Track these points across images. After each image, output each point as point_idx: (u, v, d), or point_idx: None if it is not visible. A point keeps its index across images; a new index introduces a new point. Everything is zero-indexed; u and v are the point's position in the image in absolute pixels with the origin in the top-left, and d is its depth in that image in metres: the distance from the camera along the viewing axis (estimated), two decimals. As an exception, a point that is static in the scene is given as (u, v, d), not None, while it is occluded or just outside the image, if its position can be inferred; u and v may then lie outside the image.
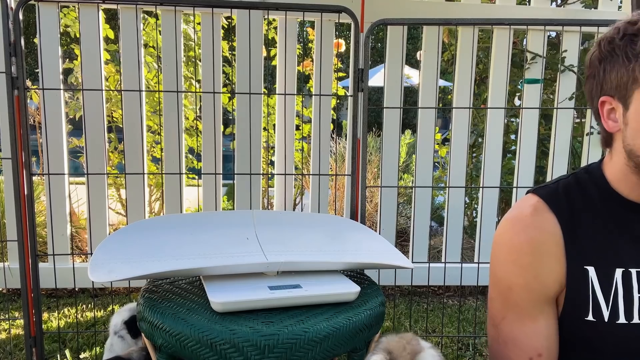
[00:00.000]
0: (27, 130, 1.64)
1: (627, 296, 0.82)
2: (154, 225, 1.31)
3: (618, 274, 0.83)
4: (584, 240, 0.85)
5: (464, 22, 1.95)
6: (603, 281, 0.83)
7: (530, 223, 0.86)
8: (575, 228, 0.85)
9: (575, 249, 0.84)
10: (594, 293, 0.83)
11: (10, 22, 1.58)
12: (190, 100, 3.10)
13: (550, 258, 0.85)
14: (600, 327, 0.82)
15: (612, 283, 0.83)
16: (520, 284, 0.86)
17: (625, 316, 0.81)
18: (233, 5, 1.87)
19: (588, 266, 0.84)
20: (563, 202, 0.87)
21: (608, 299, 0.83)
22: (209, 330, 0.92)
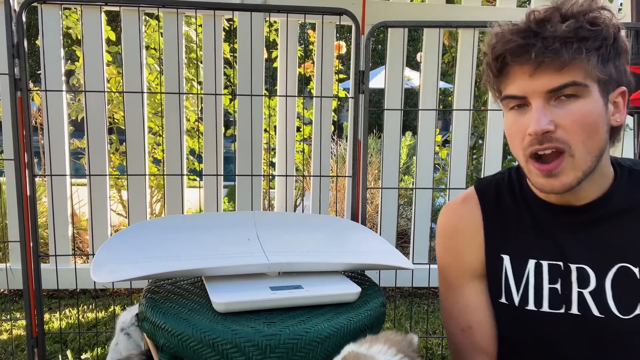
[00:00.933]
0: (29, 131, 1.64)
1: (538, 286, 0.89)
2: (156, 226, 1.31)
3: (530, 265, 0.90)
4: (503, 231, 0.93)
5: (465, 25, 1.96)
6: (516, 269, 0.91)
7: (457, 210, 0.98)
8: (496, 219, 0.94)
9: (493, 237, 0.93)
10: (507, 279, 0.92)
11: (14, 24, 1.59)
12: (192, 101, 3.10)
13: (471, 242, 0.95)
14: (512, 311, 0.91)
15: (523, 272, 0.90)
16: (448, 263, 0.99)
17: (535, 304, 0.89)
18: (234, 8, 1.87)
19: (503, 254, 0.92)
20: (491, 195, 0.96)
21: (519, 286, 0.91)
22: (211, 331, 0.93)
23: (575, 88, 0.77)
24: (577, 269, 0.87)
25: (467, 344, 0.96)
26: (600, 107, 0.79)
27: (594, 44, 0.77)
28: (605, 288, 0.85)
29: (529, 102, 0.81)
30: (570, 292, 0.87)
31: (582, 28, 0.76)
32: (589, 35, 0.77)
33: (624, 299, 0.84)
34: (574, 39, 0.76)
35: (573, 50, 0.76)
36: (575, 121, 0.78)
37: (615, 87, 0.82)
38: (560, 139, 0.79)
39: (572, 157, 0.80)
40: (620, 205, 0.86)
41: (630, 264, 0.84)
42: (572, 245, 0.88)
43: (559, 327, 0.88)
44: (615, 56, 0.80)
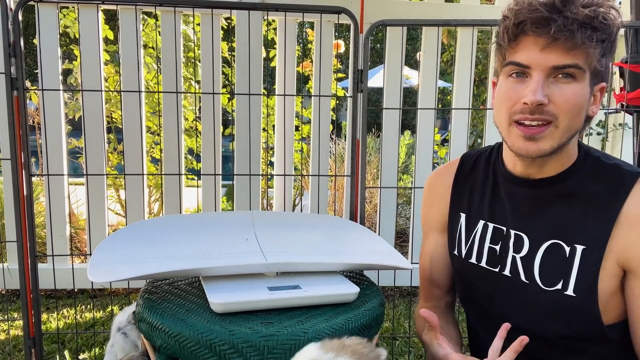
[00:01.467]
0: (26, 131, 1.64)
1: (481, 244, 1.02)
2: (153, 226, 1.31)
3: (480, 225, 1.03)
4: (467, 193, 1.07)
5: (463, 23, 1.96)
6: (468, 227, 1.05)
7: (438, 172, 1.14)
8: (465, 183, 1.07)
9: (457, 198, 1.08)
10: (460, 234, 1.07)
11: (10, 23, 1.58)
12: (190, 101, 3.10)
13: (439, 200, 1.11)
14: (459, 262, 1.06)
15: (473, 230, 1.04)
16: (423, 214, 1.17)
17: (476, 258, 1.03)
18: (232, 6, 1.87)
19: (462, 213, 1.07)
20: (469, 163, 1.09)
21: (467, 241, 1.05)
22: (208, 331, 0.92)
23: (576, 70, 0.83)
24: (514, 235, 0.97)
25: (426, 278, 1.15)
26: (587, 93, 0.86)
27: (602, 36, 0.82)
28: (536, 258, 0.94)
29: (529, 73, 0.86)
30: (506, 254, 0.98)
31: (597, 18, 0.81)
32: (600, 27, 0.82)
33: (549, 271, 0.92)
34: (589, 26, 0.81)
35: (586, 36, 0.81)
36: (567, 99, 0.84)
37: (600, 81, 0.88)
38: (550, 112, 0.85)
39: (556, 128, 0.86)
40: (572, 188, 0.92)
41: (563, 242, 0.91)
42: (517, 214, 0.97)
43: (493, 283, 1.00)
44: (610, 53, 0.86)
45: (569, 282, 0.89)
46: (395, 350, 2.20)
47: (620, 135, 2.61)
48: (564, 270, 0.90)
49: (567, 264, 0.90)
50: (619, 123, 2.75)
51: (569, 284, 0.89)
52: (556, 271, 0.91)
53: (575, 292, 0.89)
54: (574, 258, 0.90)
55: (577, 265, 0.89)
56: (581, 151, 0.95)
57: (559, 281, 0.91)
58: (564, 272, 0.90)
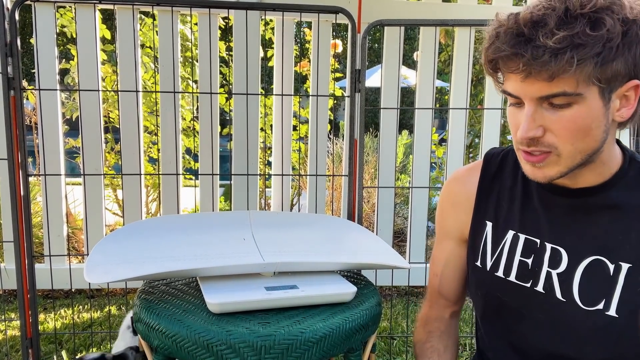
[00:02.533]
0: (23, 130, 1.63)
1: (510, 256, 0.93)
2: (150, 226, 1.31)
3: (509, 235, 0.94)
4: (494, 199, 0.97)
5: (461, 23, 1.96)
6: (495, 237, 0.96)
7: (459, 178, 1.04)
8: (491, 188, 0.98)
9: (482, 205, 0.98)
10: (485, 244, 0.97)
11: (7, 23, 1.58)
12: (187, 100, 3.09)
13: (459, 210, 1.02)
14: (483, 274, 0.97)
15: (501, 240, 0.95)
16: (438, 220, 1.08)
17: (504, 271, 0.93)
18: (230, 6, 1.87)
19: (488, 221, 0.97)
20: (493, 166, 0.99)
21: (494, 253, 0.95)
22: (205, 332, 0.92)
23: (566, 98, 0.74)
24: (551, 249, 0.88)
25: (435, 286, 1.09)
26: (597, 109, 0.76)
27: (592, 51, 0.71)
28: (575, 275, 0.86)
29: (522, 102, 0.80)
30: (540, 269, 0.89)
31: (578, 35, 0.70)
32: (586, 42, 0.70)
33: (590, 290, 0.84)
34: (567, 49, 0.70)
35: (564, 62, 0.70)
36: (566, 127, 0.76)
37: (625, 81, 0.75)
38: (547, 143, 0.78)
39: (558, 157, 0.79)
40: (616, 199, 0.84)
41: (607, 259, 0.84)
42: (554, 226, 0.89)
43: (523, 299, 0.91)
44: (626, 50, 0.72)
45: (612, 302, 0.82)
46: (393, 349, 2.20)
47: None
48: (607, 290, 0.83)
49: (610, 282, 0.83)
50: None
51: (611, 304, 0.82)
52: (598, 290, 0.83)
53: (618, 313, 0.82)
54: (618, 277, 0.82)
55: (622, 285, 0.82)
56: (626, 157, 0.86)
57: (601, 301, 0.83)
58: (607, 292, 0.83)
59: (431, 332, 1.07)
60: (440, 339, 1.06)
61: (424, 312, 1.11)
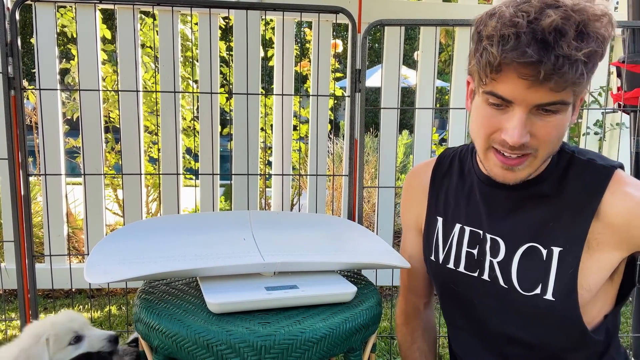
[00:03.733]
0: (23, 130, 1.63)
1: (458, 248, 0.99)
2: (150, 226, 1.31)
3: (456, 229, 1.00)
4: (443, 196, 1.03)
5: (461, 23, 1.96)
6: (445, 231, 1.02)
7: (416, 172, 1.12)
8: (441, 186, 1.05)
9: (434, 201, 1.05)
10: (437, 239, 1.03)
11: (7, 22, 1.58)
12: (188, 100, 3.09)
13: (416, 202, 1.09)
14: (437, 267, 1.03)
15: (450, 234, 1.01)
16: (402, 212, 1.15)
17: (454, 263, 1.00)
18: (230, 6, 1.87)
19: (438, 217, 1.04)
20: (445, 164, 1.06)
21: (445, 246, 1.02)
22: (205, 332, 0.92)
23: (561, 106, 0.78)
24: (490, 239, 0.94)
25: (404, 278, 1.16)
26: (569, 116, 0.82)
27: (594, 66, 0.75)
28: (513, 262, 0.91)
29: (511, 107, 0.79)
30: (484, 259, 0.95)
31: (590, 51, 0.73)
32: (594, 56, 0.74)
33: (528, 276, 0.89)
34: (580, 62, 0.72)
35: (578, 75, 0.73)
36: (550, 132, 0.80)
37: (580, 94, 0.81)
38: (530, 146, 0.82)
39: (535, 158, 0.84)
40: (547, 190, 0.89)
41: (540, 245, 0.89)
42: (492, 217, 0.94)
43: (472, 288, 0.97)
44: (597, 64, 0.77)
45: (548, 286, 0.87)
46: (393, 349, 2.20)
47: (618, 135, 2.61)
48: (542, 274, 0.88)
49: (544, 267, 0.88)
50: (616, 123, 2.75)
51: (547, 288, 0.87)
52: (534, 275, 0.89)
53: (554, 296, 0.86)
54: (551, 261, 0.87)
55: (555, 269, 0.87)
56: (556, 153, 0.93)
57: (538, 285, 0.88)
58: (542, 276, 0.88)
59: (414, 331, 1.13)
60: (423, 338, 1.12)
61: (401, 308, 1.17)
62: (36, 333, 1.08)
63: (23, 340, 1.08)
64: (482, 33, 0.79)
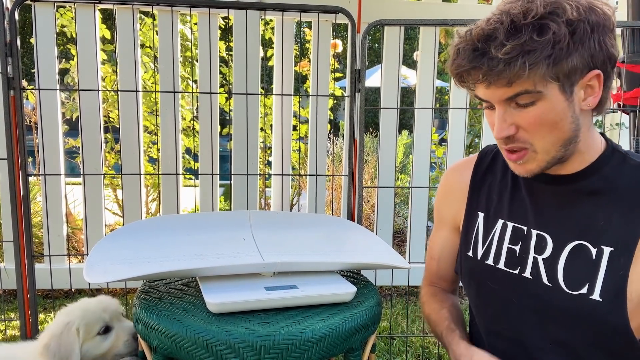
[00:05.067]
0: (23, 130, 1.63)
1: (500, 244, 0.97)
2: (150, 226, 1.31)
3: (499, 224, 0.98)
4: (486, 191, 1.03)
5: (461, 23, 1.95)
6: (486, 227, 1.00)
7: (456, 169, 1.11)
8: (483, 181, 1.04)
9: (475, 197, 1.04)
10: (477, 234, 1.02)
11: (6, 22, 1.58)
12: (187, 100, 3.09)
13: (454, 201, 1.08)
14: (474, 263, 1.01)
15: (492, 230, 0.99)
16: (436, 209, 1.15)
17: (494, 259, 0.97)
18: (230, 6, 1.87)
19: (480, 212, 1.02)
20: (487, 159, 1.05)
21: (485, 242, 1.00)
22: (205, 332, 0.92)
23: (528, 96, 0.81)
24: (537, 235, 0.92)
25: (433, 269, 1.15)
26: (560, 102, 0.81)
27: (542, 54, 0.77)
28: (559, 259, 0.89)
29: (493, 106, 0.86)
30: (527, 255, 0.93)
31: (526, 42, 0.77)
32: (535, 48, 0.77)
33: (574, 274, 0.87)
34: (519, 56, 0.77)
35: (517, 68, 0.77)
36: (533, 123, 0.83)
37: (585, 73, 0.80)
38: (522, 139, 0.85)
39: (535, 152, 0.85)
40: (598, 185, 0.88)
41: (589, 243, 0.86)
42: (539, 213, 0.93)
43: (512, 286, 0.94)
44: (579, 45, 0.78)
45: (595, 286, 0.84)
46: (392, 349, 2.20)
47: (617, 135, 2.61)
48: (590, 274, 0.85)
49: (593, 266, 0.85)
50: (616, 123, 2.75)
51: (594, 288, 0.84)
52: (581, 274, 0.86)
53: (602, 297, 0.83)
54: (601, 260, 0.84)
55: (604, 269, 0.84)
56: (608, 147, 0.90)
57: (584, 285, 0.85)
58: (590, 276, 0.85)
59: (443, 301, 1.12)
60: (453, 307, 1.11)
61: (426, 290, 1.16)
62: (68, 321, 1.10)
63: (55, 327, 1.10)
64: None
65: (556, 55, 0.77)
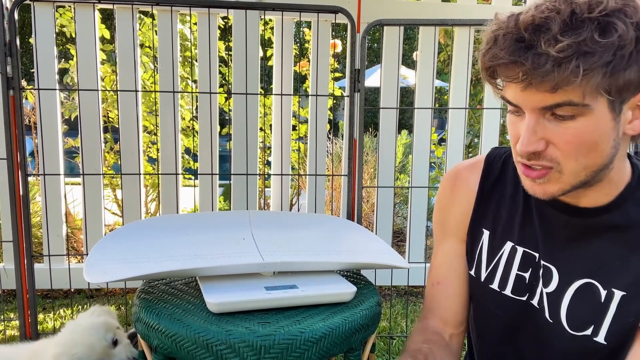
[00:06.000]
0: (22, 130, 1.63)
1: (507, 269, 0.87)
2: (150, 226, 1.30)
3: (507, 246, 0.87)
4: (493, 206, 0.90)
5: (460, 23, 1.96)
6: (492, 246, 0.89)
7: (459, 174, 0.96)
8: (490, 194, 0.91)
9: (481, 211, 0.92)
10: (481, 253, 0.91)
11: (6, 22, 1.58)
12: (187, 100, 3.09)
13: (460, 208, 0.94)
14: (476, 284, 0.92)
15: (498, 251, 0.88)
16: (437, 220, 0.99)
17: (499, 284, 0.88)
18: (229, 6, 1.87)
19: (485, 229, 0.91)
20: (496, 169, 0.92)
21: (490, 263, 0.89)
22: (205, 331, 0.92)
23: (571, 108, 0.67)
24: (543, 266, 0.83)
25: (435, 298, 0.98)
26: (606, 122, 0.68)
27: (601, 59, 0.63)
28: (564, 296, 0.80)
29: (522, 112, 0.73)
30: (537, 283, 0.85)
31: (585, 41, 0.63)
32: (594, 50, 0.63)
33: (579, 315, 0.79)
34: (573, 57, 0.63)
35: (568, 72, 0.63)
36: (570, 141, 0.69)
37: (638, 91, 0.68)
38: (550, 157, 0.72)
39: (560, 173, 0.73)
40: (618, 221, 0.77)
41: (599, 283, 0.78)
42: (549, 242, 0.83)
43: (518, 313, 0.87)
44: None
45: (600, 328, 0.77)
46: (392, 349, 2.20)
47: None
48: (596, 316, 0.77)
49: (600, 309, 0.77)
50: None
51: (599, 331, 0.77)
52: (586, 315, 0.78)
53: (607, 341, 0.76)
54: (610, 304, 0.76)
55: (613, 313, 0.76)
56: (635, 174, 0.78)
57: (589, 327, 0.78)
58: (596, 318, 0.77)
59: (429, 340, 0.93)
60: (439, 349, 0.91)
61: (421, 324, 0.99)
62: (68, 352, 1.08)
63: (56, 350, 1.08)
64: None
65: (616, 63, 0.63)
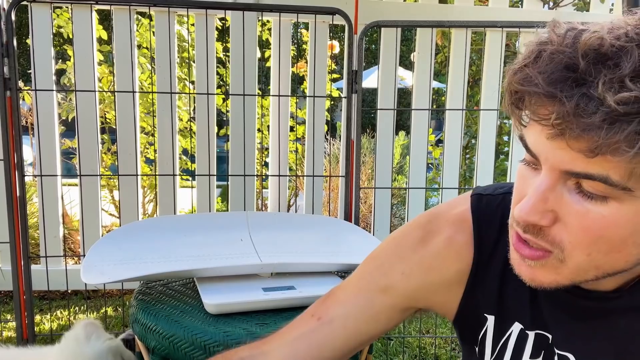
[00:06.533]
0: (19, 131, 1.63)
1: (516, 354, 0.67)
2: (147, 227, 1.30)
3: (515, 328, 0.67)
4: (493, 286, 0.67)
5: (457, 25, 1.97)
6: (498, 328, 0.68)
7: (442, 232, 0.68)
8: (486, 267, 0.67)
9: (479, 289, 0.67)
10: (485, 336, 0.69)
11: (3, 23, 1.57)
12: (184, 101, 3.09)
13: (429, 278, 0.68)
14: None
15: (505, 332, 0.68)
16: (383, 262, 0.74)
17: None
18: (227, 7, 1.87)
19: (488, 315, 0.68)
20: (492, 233, 0.66)
21: (495, 349, 0.69)
22: (203, 332, 0.92)
23: (605, 187, 0.47)
24: (558, 356, 0.65)
25: (313, 333, 0.70)
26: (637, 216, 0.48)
27: None
28: None
29: (539, 166, 0.52)
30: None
31: None
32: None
33: None
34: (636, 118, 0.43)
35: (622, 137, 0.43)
36: (588, 229, 0.50)
37: None
38: (553, 239, 0.52)
39: (560, 262, 0.53)
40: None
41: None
42: (560, 326, 0.66)
43: None
44: None
45: None
46: (390, 350, 2.20)
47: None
48: None
49: None
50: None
51: None
52: None
53: None
54: None
55: None
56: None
57: None
58: None
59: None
60: None
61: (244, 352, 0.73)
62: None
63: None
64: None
65: None
